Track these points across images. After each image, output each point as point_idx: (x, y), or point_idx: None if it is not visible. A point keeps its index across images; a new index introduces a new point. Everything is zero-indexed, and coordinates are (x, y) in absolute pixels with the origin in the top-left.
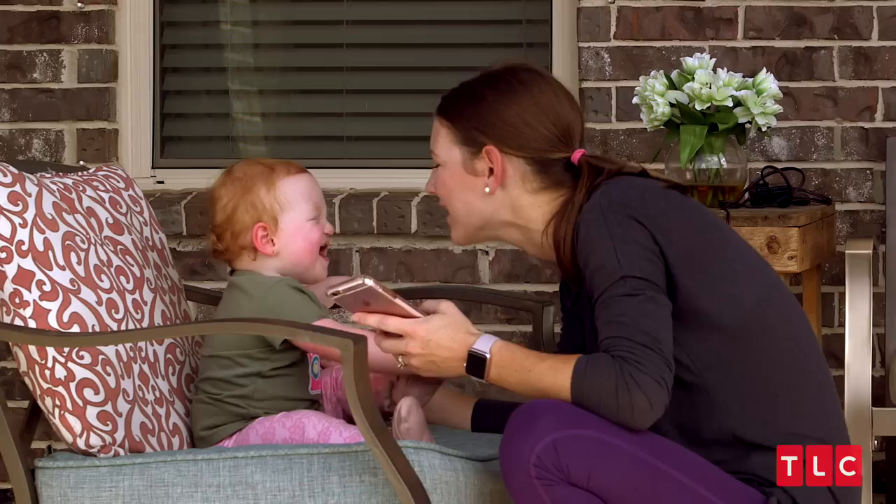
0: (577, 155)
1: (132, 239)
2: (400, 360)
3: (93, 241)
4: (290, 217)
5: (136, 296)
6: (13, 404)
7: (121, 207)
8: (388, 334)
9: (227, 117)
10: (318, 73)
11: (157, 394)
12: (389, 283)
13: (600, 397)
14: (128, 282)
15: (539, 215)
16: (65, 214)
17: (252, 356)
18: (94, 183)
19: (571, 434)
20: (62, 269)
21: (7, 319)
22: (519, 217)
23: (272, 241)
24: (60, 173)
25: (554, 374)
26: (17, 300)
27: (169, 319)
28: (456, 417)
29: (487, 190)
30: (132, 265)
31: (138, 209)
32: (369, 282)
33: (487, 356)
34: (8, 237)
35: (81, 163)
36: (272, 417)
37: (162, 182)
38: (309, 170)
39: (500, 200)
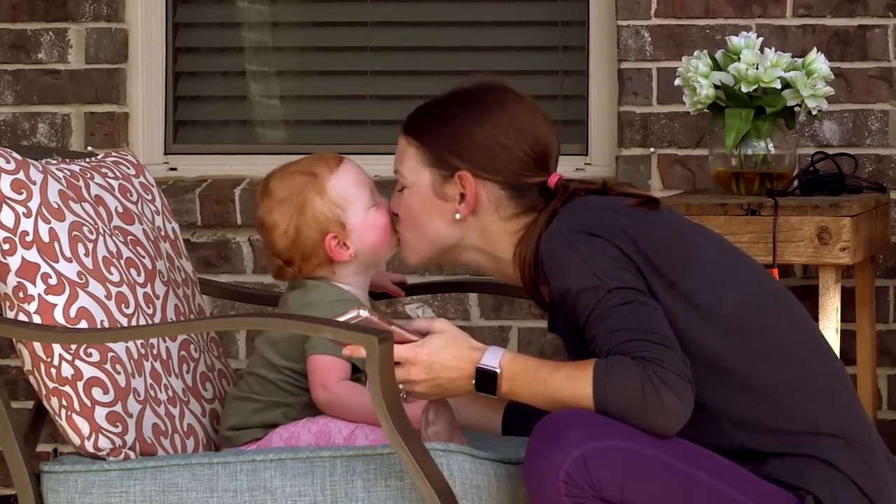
0: (553, 179)
1: (143, 229)
2: (402, 387)
3: (101, 231)
4: (354, 213)
5: (148, 289)
6: (17, 405)
7: (131, 195)
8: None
9: (243, 100)
10: (340, 53)
11: (171, 393)
12: (417, 276)
13: (626, 400)
14: (139, 274)
15: (508, 244)
16: (71, 203)
17: (302, 372)
18: (103, 170)
19: (600, 446)
20: (69, 261)
21: (11, 315)
22: (488, 244)
23: (345, 244)
24: (67, 159)
25: (573, 383)
26: (21, 294)
27: (182, 314)
28: (486, 421)
29: (458, 216)
30: (143, 257)
31: (150, 197)
32: (364, 313)
33: (497, 370)
34: (11, 227)
35: (89, 148)
36: (297, 423)
37: (175, 169)
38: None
39: (469, 227)
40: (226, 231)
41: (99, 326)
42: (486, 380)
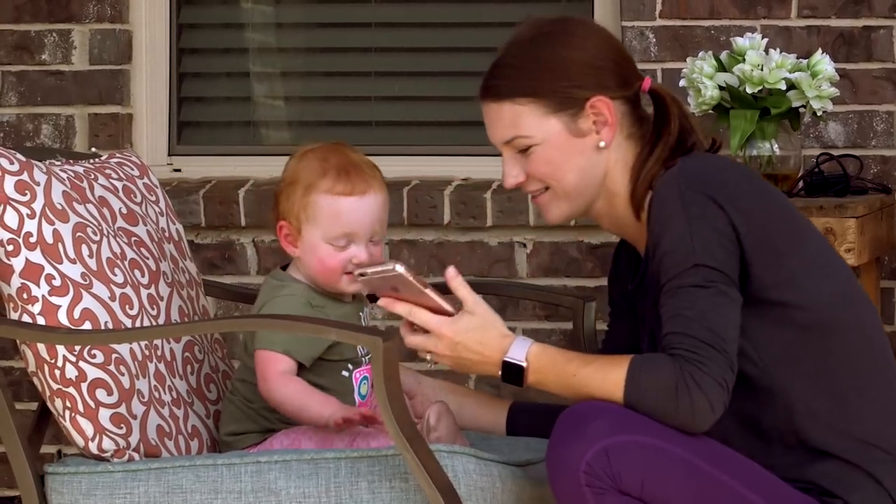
0: (646, 83)
1: (147, 230)
2: (428, 357)
3: (105, 232)
4: (312, 233)
5: (152, 290)
6: (21, 406)
7: (135, 197)
8: (414, 327)
9: (247, 101)
10: (344, 54)
11: (175, 394)
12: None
13: (657, 398)
14: (143, 276)
15: (624, 176)
16: (75, 204)
17: None
18: (107, 171)
19: (624, 440)
20: (73, 262)
21: (14, 316)
22: (613, 178)
23: (295, 242)
24: (71, 161)
25: (602, 377)
26: (24, 296)
27: (187, 315)
28: (489, 421)
29: (602, 144)
30: (147, 258)
31: (154, 198)
32: (400, 268)
33: (524, 365)
34: (15, 229)
35: (93, 149)
36: (297, 429)
37: (179, 170)
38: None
39: (612, 153)
40: (230, 232)
41: (103, 328)
42: (512, 373)
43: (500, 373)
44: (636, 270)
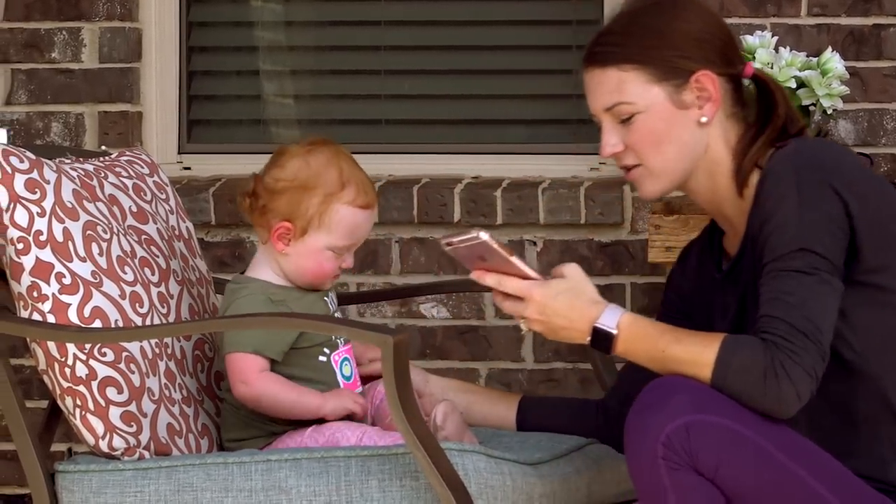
0: (749, 68)
1: (157, 228)
2: (522, 324)
3: (115, 230)
4: (319, 239)
5: (162, 289)
6: (31, 404)
7: (145, 195)
8: (507, 295)
9: (258, 99)
10: (354, 52)
11: (185, 393)
12: (431, 275)
13: (745, 383)
14: (153, 274)
15: (727, 154)
16: (85, 203)
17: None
18: (117, 169)
19: (706, 419)
20: (83, 260)
21: (25, 314)
22: (714, 153)
23: (288, 242)
24: (80, 159)
25: (692, 357)
26: (35, 294)
27: (197, 314)
28: (499, 417)
29: (704, 119)
30: (157, 256)
31: (164, 196)
32: (484, 236)
33: (614, 333)
34: (25, 227)
35: (103, 147)
36: (302, 432)
37: (189, 168)
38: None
39: (713, 130)
40: (240, 230)
41: (113, 326)
42: (601, 339)
43: (588, 339)
44: (718, 262)
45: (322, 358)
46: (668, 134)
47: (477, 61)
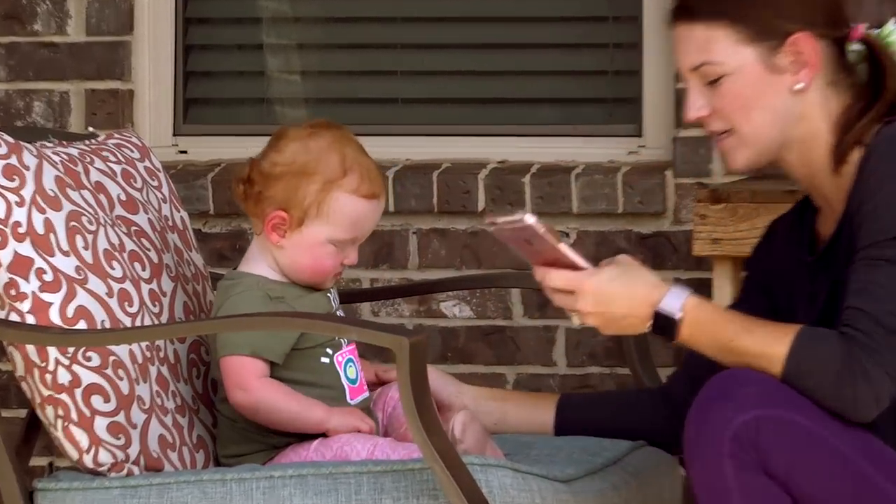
0: (858, 31)
1: (149, 218)
2: (574, 318)
3: (102, 221)
4: (318, 231)
5: (154, 285)
6: (8, 414)
7: (135, 182)
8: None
9: (261, 76)
10: (367, 23)
11: (179, 401)
12: (452, 270)
13: (818, 382)
14: (143, 269)
15: (826, 126)
16: (69, 191)
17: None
18: (104, 153)
19: (779, 415)
20: (66, 254)
21: (1, 315)
22: (810, 124)
23: (284, 233)
24: (64, 142)
25: (763, 349)
26: (13, 292)
27: (192, 313)
28: (537, 421)
29: (800, 86)
30: (149, 249)
31: (156, 183)
32: (530, 219)
33: (678, 316)
34: (2, 218)
35: (90, 129)
36: (307, 445)
37: (185, 152)
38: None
39: (810, 98)
40: (240, 220)
41: (99, 327)
42: (664, 324)
43: (650, 325)
44: (811, 244)
45: (324, 359)
46: (758, 100)
47: (503, 34)
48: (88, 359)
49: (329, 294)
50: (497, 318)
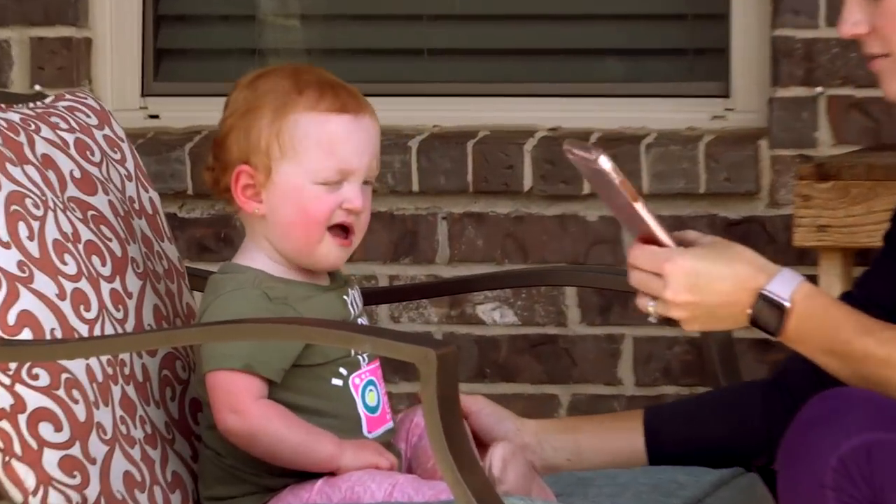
0: None
1: (109, 200)
2: (651, 307)
3: (51, 204)
4: (291, 170)
5: (117, 284)
6: None
7: (93, 154)
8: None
9: (251, 21)
10: None
11: (149, 429)
12: (491, 265)
13: None
14: (103, 264)
15: None
16: (9, 166)
17: None
18: (54, 118)
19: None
20: (6, 247)
21: None
22: None
23: (258, 194)
24: (3, 105)
25: (889, 353)
26: None
27: (165, 319)
28: (619, 450)
29: None
30: (110, 240)
31: (119, 157)
32: (604, 162)
33: (787, 305)
34: None
35: (37, 88)
36: (309, 486)
37: (156, 116)
38: (371, 104)
39: None
40: (226, 202)
41: (48, 337)
42: (767, 316)
43: (750, 313)
44: None
45: (336, 381)
46: None
47: None
48: (35, 377)
49: (346, 296)
50: (548, 325)
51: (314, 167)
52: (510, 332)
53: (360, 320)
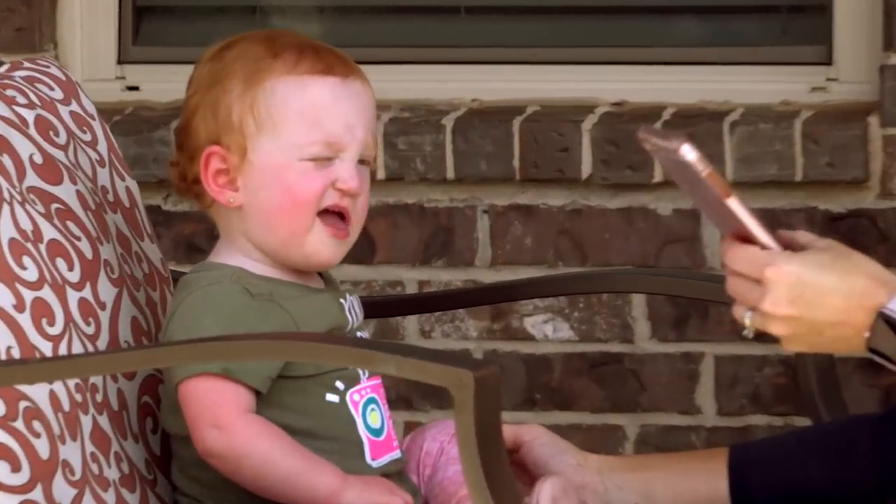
0: None
1: (77, 191)
2: (747, 319)
3: (6, 196)
4: (270, 147)
5: (87, 293)
6: None
7: (57, 135)
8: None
9: None
10: None
11: (126, 468)
12: (543, 268)
13: None
14: (70, 269)
15: None
16: None
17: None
18: (10, 91)
19: None
20: None
21: None
22: None
23: (233, 181)
24: None
25: None
26: None
27: (146, 334)
28: (697, 494)
29: None
30: (78, 238)
31: (89, 138)
32: (688, 152)
33: None
34: None
35: None
36: None
37: (135, 88)
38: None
39: None
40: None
41: (3, 357)
42: (890, 337)
43: (867, 337)
44: None
45: (331, 396)
46: None
47: None
48: None
49: (343, 300)
50: (611, 342)
51: (297, 141)
52: (565, 350)
53: (359, 333)
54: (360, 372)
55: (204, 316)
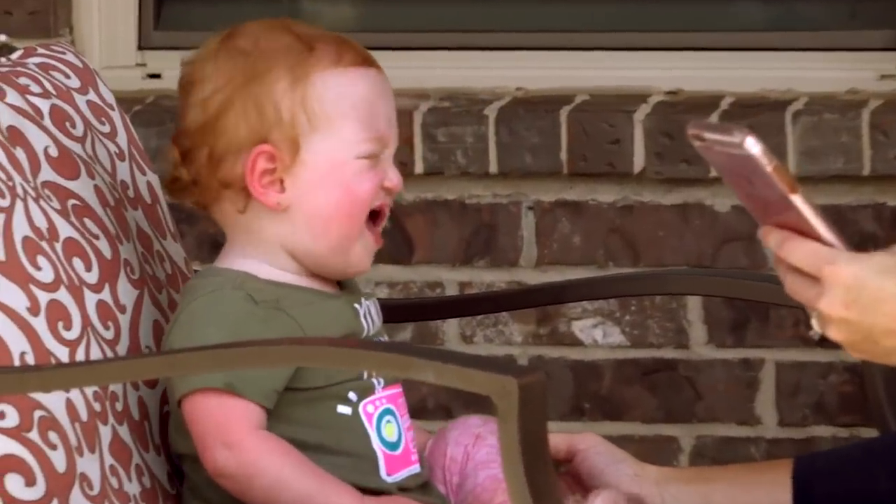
0: None
1: (96, 186)
2: (815, 322)
3: (20, 191)
4: (327, 145)
5: (106, 295)
6: None
7: (74, 127)
8: (792, 267)
9: None
10: None
11: (147, 482)
12: (593, 268)
13: None
14: (88, 269)
15: None
16: None
17: None
18: (23, 80)
19: None
20: None
21: None
22: None
23: (281, 182)
24: None
25: None
26: None
27: None
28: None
29: None
30: (96, 236)
31: (108, 129)
32: (752, 146)
33: None
34: None
35: (2, 39)
36: None
37: (157, 76)
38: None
39: None
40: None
41: (18, 363)
42: None
43: None
44: None
45: (343, 408)
46: None
47: None
48: (2, 416)
49: (358, 305)
50: (665, 347)
51: (352, 137)
52: (615, 356)
53: (381, 337)
54: (375, 381)
55: (207, 324)
